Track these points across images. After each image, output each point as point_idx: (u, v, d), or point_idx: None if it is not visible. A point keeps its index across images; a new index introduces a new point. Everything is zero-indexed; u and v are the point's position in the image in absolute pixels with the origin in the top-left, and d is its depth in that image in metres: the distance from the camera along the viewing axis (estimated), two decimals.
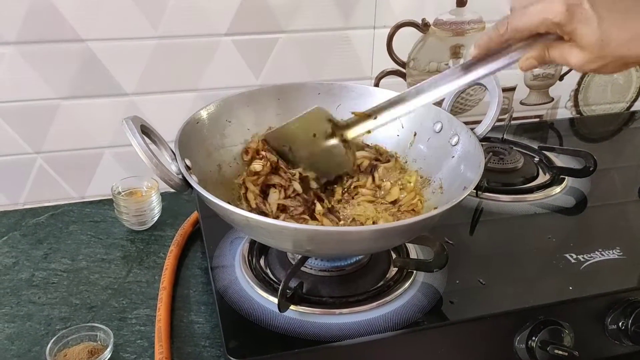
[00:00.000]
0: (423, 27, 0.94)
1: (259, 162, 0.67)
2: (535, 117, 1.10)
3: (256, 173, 0.67)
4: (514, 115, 1.07)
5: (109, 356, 0.60)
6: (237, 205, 0.61)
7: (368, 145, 0.73)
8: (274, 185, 0.67)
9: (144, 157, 0.54)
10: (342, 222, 0.65)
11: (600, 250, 0.68)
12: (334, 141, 0.66)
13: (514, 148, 0.90)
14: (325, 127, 0.66)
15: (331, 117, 0.66)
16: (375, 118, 0.63)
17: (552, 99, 1.09)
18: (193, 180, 0.56)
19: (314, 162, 0.67)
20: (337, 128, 0.66)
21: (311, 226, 0.59)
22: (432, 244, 0.60)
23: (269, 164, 0.66)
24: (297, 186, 0.66)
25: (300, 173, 0.66)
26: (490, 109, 0.66)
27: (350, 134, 0.66)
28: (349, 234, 0.52)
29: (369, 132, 0.65)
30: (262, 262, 0.66)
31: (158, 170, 0.55)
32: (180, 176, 0.57)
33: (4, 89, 0.80)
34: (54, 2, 0.77)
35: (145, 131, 0.57)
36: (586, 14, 0.47)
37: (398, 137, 0.73)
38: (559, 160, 0.89)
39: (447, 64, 0.98)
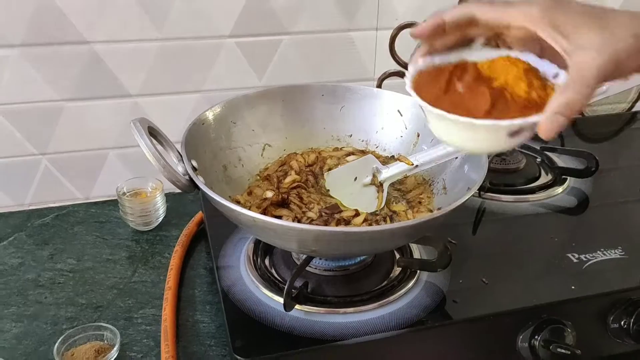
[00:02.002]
0: None
1: (270, 190, 0.67)
2: None
3: (264, 198, 0.66)
4: None
5: (116, 355, 0.60)
6: None
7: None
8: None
9: (152, 158, 0.55)
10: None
11: (602, 249, 0.69)
12: (369, 184, 0.67)
13: (516, 148, 0.91)
14: (367, 173, 0.68)
15: (377, 165, 0.68)
16: (417, 166, 0.66)
17: None
18: (200, 182, 0.56)
19: (344, 200, 0.67)
20: (378, 172, 0.67)
21: (317, 227, 0.59)
22: (436, 244, 0.61)
23: (280, 196, 0.65)
24: (311, 214, 0.64)
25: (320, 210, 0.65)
26: None
27: (387, 179, 0.67)
28: (354, 235, 0.52)
29: (405, 177, 0.68)
30: (266, 261, 0.67)
31: (166, 172, 0.55)
32: (187, 177, 0.57)
33: (10, 90, 0.81)
34: (58, 4, 0.77)
35: (153, 133, 0.58)
36: None
37: (402, 137, 0.73)
38: (561, 161, 0.89)
39: None
